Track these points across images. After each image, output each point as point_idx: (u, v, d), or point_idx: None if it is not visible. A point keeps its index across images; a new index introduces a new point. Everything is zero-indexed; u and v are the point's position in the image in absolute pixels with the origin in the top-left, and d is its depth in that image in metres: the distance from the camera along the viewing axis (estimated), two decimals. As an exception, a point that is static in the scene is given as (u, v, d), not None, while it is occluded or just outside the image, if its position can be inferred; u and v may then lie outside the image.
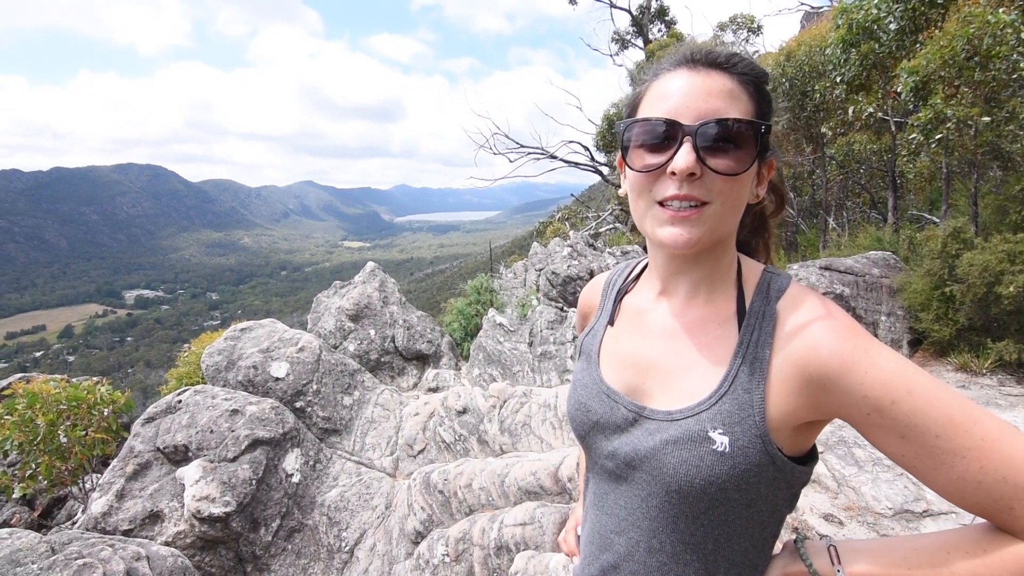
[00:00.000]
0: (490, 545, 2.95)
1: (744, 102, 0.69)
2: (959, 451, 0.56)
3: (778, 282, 0.74)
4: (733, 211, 0.71)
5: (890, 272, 6.49)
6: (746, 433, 0.66)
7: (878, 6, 6.84)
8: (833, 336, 0.64)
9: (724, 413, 0.68)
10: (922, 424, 0.57)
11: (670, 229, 0.69)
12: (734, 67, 0.70)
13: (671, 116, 0.68)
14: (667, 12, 16.75)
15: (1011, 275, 4.94)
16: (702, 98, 0.68)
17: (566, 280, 8.02)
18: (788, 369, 0.66)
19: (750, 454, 0.66)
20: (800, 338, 0.67)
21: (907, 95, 6.13)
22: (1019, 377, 5.16)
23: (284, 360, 4.44)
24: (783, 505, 0.72)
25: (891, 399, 0.59)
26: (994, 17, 5.26)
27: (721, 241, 0.74)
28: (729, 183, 0.68)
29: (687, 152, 0.66)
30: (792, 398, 0.66)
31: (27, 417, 3.78)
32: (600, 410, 0.82)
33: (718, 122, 0.66)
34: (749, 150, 0.68)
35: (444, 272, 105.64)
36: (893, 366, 0.60)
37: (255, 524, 3.40)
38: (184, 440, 3.51)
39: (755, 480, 0.67)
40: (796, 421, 0.67)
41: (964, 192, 7.12)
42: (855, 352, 0.62)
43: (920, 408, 0.58)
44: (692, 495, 0.68)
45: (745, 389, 0.68)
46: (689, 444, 0.68)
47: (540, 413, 4.32)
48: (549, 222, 17.88)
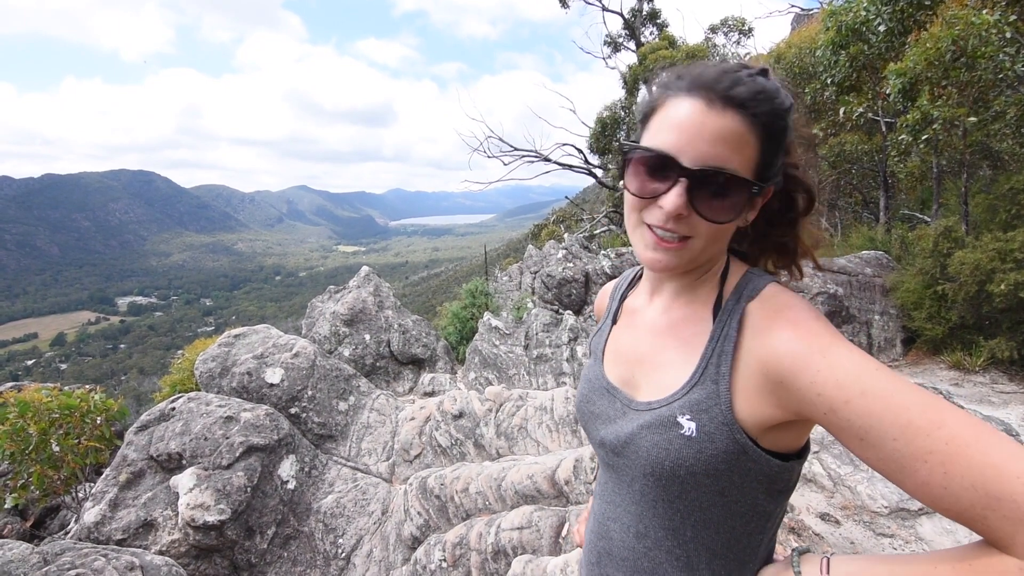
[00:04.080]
0: (487, 550, 2.94)
1: (751, 148, 0.69)
2: (919, 455, 0.54)
3: (755, 282, 0.76)
4: (716, 244, 0.75)
5: (883, 271, 6.53)
6: (712, 420, 0.69)
7: (867, 8, 6.91)
8: (791, 335, 0.65)
9: (693, 401, 0.71)
10: (878, 426, 0.56)
11: (652, 254, 0.75)
12: (752, 108, 0.69)
13: (673, 151, 0.70)
14: (659, 15, 16.85)
15: (1002, 273, 4.98)
16: (708, 141, 0.68)
17: (561, 282, 8.02)
18: (752, 364, 0.68)
19: (716, 440, 0.68)
20: (761, 336, 0.69)
21: (895, 96, 6.19)
22: (1011, 374, 5.20)
23: (278, 366, 4.42)
24: (764, 499, 0.72)
25: (844, 399, 0.58)
26: (978, 18, 5.32)
27: (706, 263, 0.79)
28: (715, 227, 0.72)
29: (678, 194, 0.69)
30: (756, 395, 0.68)
31: (19, 426, 3.74)
32: (600, 403, 0.88)
33: (715, 173, 0.68)
34: (739, 203, 0.70)
35: (439, 276, 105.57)
36: (849, 366, 0.60)
37: (250, 532, 3.37)
38: (178, 448, 3.49)
39: (724, 467, 0.69)
40: (766, 418, 0.68)
41: (955, 191, 7.18)
42: (810, 351, 0.63)
43: (875, 410, 0.56)
44: (664, 477, 0.72)
45: (713, 380, 0.71)
46: (660, 428, 0.73)
47: (536, 416, 4.31)
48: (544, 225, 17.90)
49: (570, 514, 2.96)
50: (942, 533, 2.90)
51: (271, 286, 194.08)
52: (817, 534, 2.82)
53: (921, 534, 2.92)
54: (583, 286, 8.07)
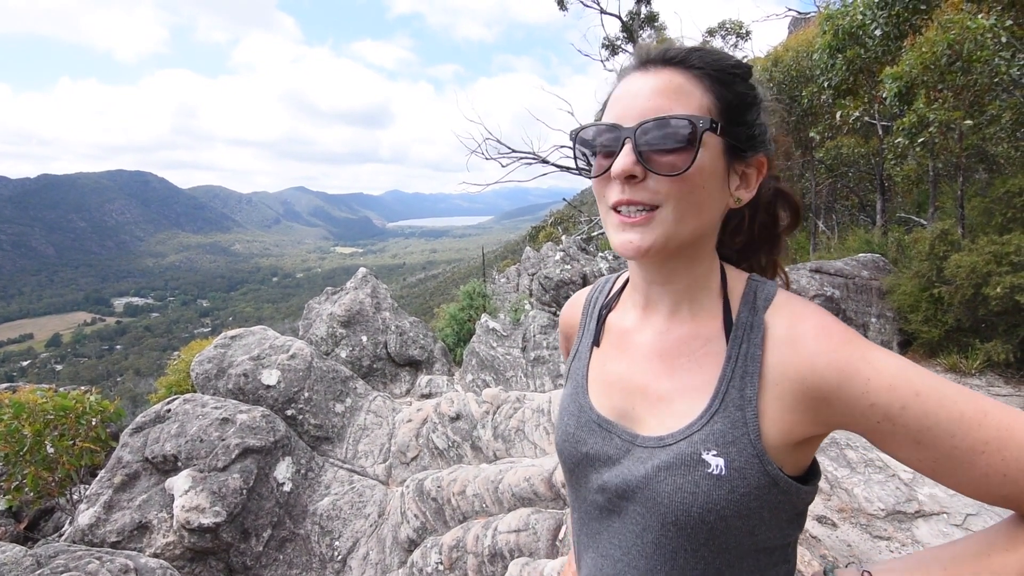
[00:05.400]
0: (484, 552, 2.93)
1: (697, 97, 0.65)
2: (978, 447, 0.53)
3: (765, 290, 0.70)
4: (690, 214, 0.65)
5: (879, 274, 6.55)
6: (742, 453, 0.62)
7: (863, 12, 6.94)
8: (828, 344, 0.61)
9: (717, 433, 0.63)
10: (935, 426, 0.54)
11: (622, 236, 0.66)
12: (688, 61, 0.66)
13: (617, 120, 0.67)
14: (656, 18, 16.89)
15: (998, 276, 5.00)
16: (646, 98, 0.65)
17: (559, 284, 8.02)
18: (783, 383, 0.62)
19: (748, 476, 0.61)
20: (793, 349, 0.63)
21: (892, 100, 6.22)
22: (1007, 377, 5.22)
23: (275, 367, 4.41)
24: (788, 527, 0.67)
25: (901, 404, 0.55)
26: (974, 23, 5.35)
27: (690, 249, 0.69)
28: (677, 184, 0.64)
29: (625, 154, 0.64)
30: (788, 413, 0.62)
31: (13, 427, 3.72)
32: (591, 441, 0.76)
33: (654, 121, 0.63)
34: (688, 147, 0.63)
35: (436, 277, 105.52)
36: (895, 369, 0.57)
37: (246, 534, 3.36)
38: (173, 450, 3.47)
39: (756, 504, 0.62)
40: (795, 437, 0.63)
41: (951, 194, 7.21)
42: (853, 359, 0.58)
43: (931, 409, 0.55)
44: (690, 525, 0.63)
45: (737, 406, 0.63)
46: (682, 469, 0.64)
47: (534, 418, 4.31)
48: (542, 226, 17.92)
49: (566, 517, 2.96)
50: (939, 536, 2.90)
51: (268, 287, 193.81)
52: (814, 536, 2.82)
53: (918, 537, 2.92)
54: (581, 288, 8.08)
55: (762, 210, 0.75)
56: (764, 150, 0.70)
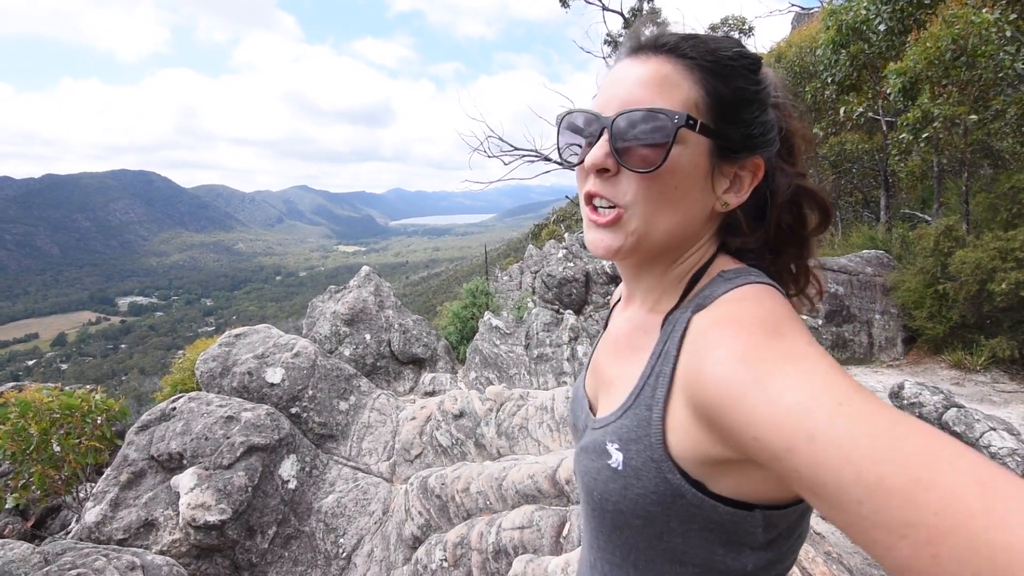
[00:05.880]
0: (488, 549, 2.94)
1: (683, 90, 0.60)
2: (895, 528, 0.36)
3: (716, 286, 0.62)
4: (661, 216, 0.62)
5: (883, 270, 6.53)
6: (640, 454, 0.58)
7: (867, 7, 6.91)
8: (724, 358, 0.50)
9: (623, 428, 0.61)
10: (835, 485, 0.39)
11: (592, 235, 0.65)
12: (679, 50, 0.61)
13: (599, 109, 0.64)
14: (659, 14, 16.84)
15: (1003, 272, 4.98)
16: (629, 88, 0.62)
17: (562, 282, 8.02)
18: (686, 391, 0.55)
19: (643, 477, 0.57)
20: (696, 356, 0.55)
21: (896, 95, 6.18)
22: (1012, 373, 5.20)
23: (279, 366, 4.42)
24: (724, 553, 0.57)
25: (786, 446, 0.42)
26: (978, 17, 5.31)
27: (668, 251, 0.66)
28: (647, 182, 0.60)
29: (599, 146, 0.62)
30: (693, 425, 0.54)
31: (20, 426, 3.75)
32: (577, 413, 0.82)
33: (630, 113, 0.60)
34: (660, 144, 0.59)
35: (439, 275, 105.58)
36: (793, 402, 0.43)
37: (251, 531, 3.38)
38: (179, 448, 3.49)
39: (657, 509, 0.57)
40: (709, 454, 0.53)
41: (955, 190, 7.17)
42: (744, 381, 0.47)
43: (828, 462, 0.40)
44: (596, 508, 0.64)
45: (647, 405, 0.59)
46: (593, 454, 0.65)
47: (537, 416, 4.31)
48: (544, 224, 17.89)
49: (571, 514, 2.96)
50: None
51: (271, 286, 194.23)
52: (818, 533, 2.82)
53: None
54: (583, 286, 8.07)
55: (783, 210, 0.67)
56: (763, 151, 0.64)
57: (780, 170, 0.66)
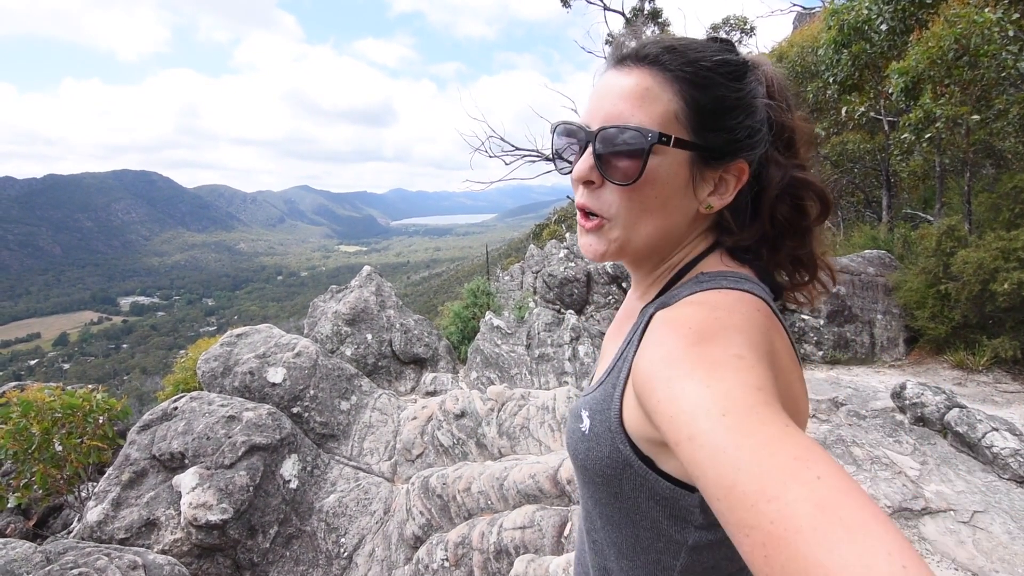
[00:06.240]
0: (489, 549, 2.94)
1: (663, 103, 0.63)
2: (741, 528, 0.42)
3: (685, 288, 0.67)
4: (643, 223, 0.66)
5: (885, 270, 6.51)
6: (602, 424, 0.66)
7: (869, 7, 6.89)
8: (653, 353, 0.58)
9: (594, 400, 0.70)
10: (703, 481, 0.45)
11: (582, 239, 0.71)
12: (660, 62, 0.63)
13: (586, 121, 0.67)
14: (660, 14, 16.83)
15: (1005, 272, 4.97)
16: (611, 101, 0.65)
17: (563, 282, 8.02)
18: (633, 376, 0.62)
19: (602, 443, 0.66)
20: (641, 348, 0.62)
21: (898, 95, 6.17)
22: (1015, 374, 5.19)
23: (281, 365, 4.43)
24: (668, 524, 0.63)
25: (675, 440, 0.49)
26: (980, 17, 5.30)
27: (653, 252, 0.72)
28: (628, 193, 0.64)
29: (585, 159, 0.66)
30: (637, 409, 0.60)
31: (22, 426, 3.75)
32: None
33: (610, 129, 0.63)
34: (636, 159, 0.62)
35: (440, 275, 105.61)
36: (688, 402, 0.49)
37: (252, 531, 3.38)
38: (180, 447, 3.49)
39: (612, 473, 0.65)
40: (651, 436, 0.59)
41: (957, 190, 7.16)
42: (661, 376, 0.54)
43: (699, 460, 0.46)
44: (575, 464, 0.74)
45: (612, 384, 0.67)
46: (573, 417, 0.75)
47: (539, 416, 4.31)
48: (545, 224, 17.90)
49: (572, 514, 2.96)
50: (945, 533, 2.89)
51: (273, 286, 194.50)
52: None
53: (924, 534, 2.91)
54: (585, 285, 8.07)
55: (778, 202, 0.69)
56: (747, 154, 0.66)
57: (775, 163, 0.68)
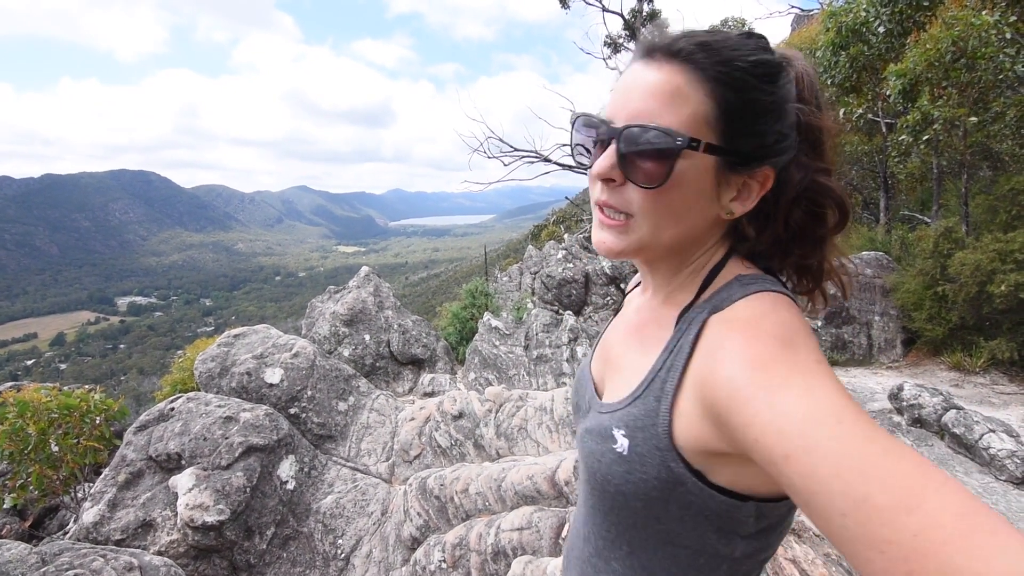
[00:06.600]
0: (487, 550, 2.93)
1: (693, 104, 0.59)
2: (875, 543, 0.39)
3: (733, 290, 0.63)
4: (665, 226, 0.63)
5: (883, 272, 6.53)
6: (647, 442, 0.61)
7: (867, 9, 6.91)
8: (737, 360, 0.53)
9: (631, 416, 0.64)
10: (824, 495, 0.42)
11: (598, 234, 0.68)
12: (693, 59, 0.60)
13: (610, 116, 0.64)
14: (659, 15, 16.85)
15: (1002, 274, 4.98)
16: (639, 98, 0.61)
17: (561, 283, 8.02)
18: (696, 388, 0.58)
19: (647, 464, 0.60)
20: (711, 356, 0.57)
21: (896, 97, 6.19)
22: (1012, 375, 5.20)
23: (278, 366, 4.41)
24: (715, 539, 0.61)
25: (784, 453, 0.45)
26: (977, 19, 5.32)
27: (672, 255, 0.69)
28: (652, 195, 0.61)
29: (607, 156, 0.63)
30: (699, 419, 0.57)
31: (18, 426, 3.74)
32: (581, 393, 0.85)
33: (637, 127, 0.60)
34: (663, 162, 0.59)
35: (439, 276, 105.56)
36: (798, 411, 0.46)
37: (249, 532, 3.37)
38: (177, 448, 3.48)
39: (657, 495, 0.60)
40: (710, 446, 0.56)
41: (955, 192, 7.18)
42: (753, 384, 0.50)
43: (820, 474, 0.42)
44: (597, 488, 0.68)
45: (656, 397, 0.62)
46: (598, 437, 0.68)
47: (536, 417, 4.31)
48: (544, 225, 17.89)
49: (570, 515, 2.96)
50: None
51: (271, 286, 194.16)
52: (818, 535, 2.82)
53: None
54: (583, 286, 8.07)
55: (794, 206, 0.66)
56: (774, 160, 0.62)
57: (798, 164, 0.64)
